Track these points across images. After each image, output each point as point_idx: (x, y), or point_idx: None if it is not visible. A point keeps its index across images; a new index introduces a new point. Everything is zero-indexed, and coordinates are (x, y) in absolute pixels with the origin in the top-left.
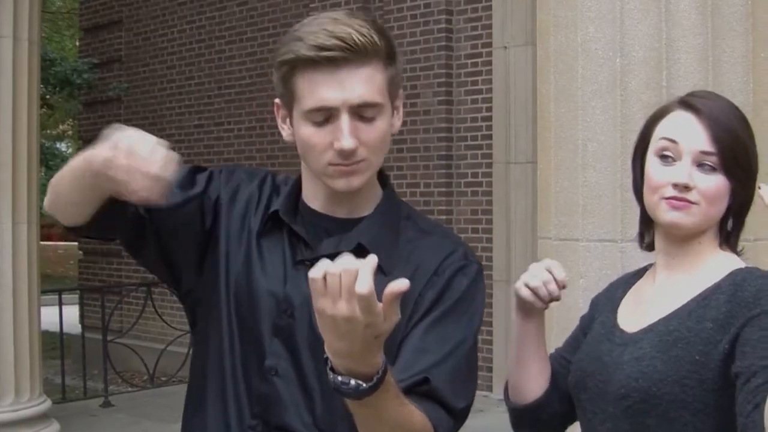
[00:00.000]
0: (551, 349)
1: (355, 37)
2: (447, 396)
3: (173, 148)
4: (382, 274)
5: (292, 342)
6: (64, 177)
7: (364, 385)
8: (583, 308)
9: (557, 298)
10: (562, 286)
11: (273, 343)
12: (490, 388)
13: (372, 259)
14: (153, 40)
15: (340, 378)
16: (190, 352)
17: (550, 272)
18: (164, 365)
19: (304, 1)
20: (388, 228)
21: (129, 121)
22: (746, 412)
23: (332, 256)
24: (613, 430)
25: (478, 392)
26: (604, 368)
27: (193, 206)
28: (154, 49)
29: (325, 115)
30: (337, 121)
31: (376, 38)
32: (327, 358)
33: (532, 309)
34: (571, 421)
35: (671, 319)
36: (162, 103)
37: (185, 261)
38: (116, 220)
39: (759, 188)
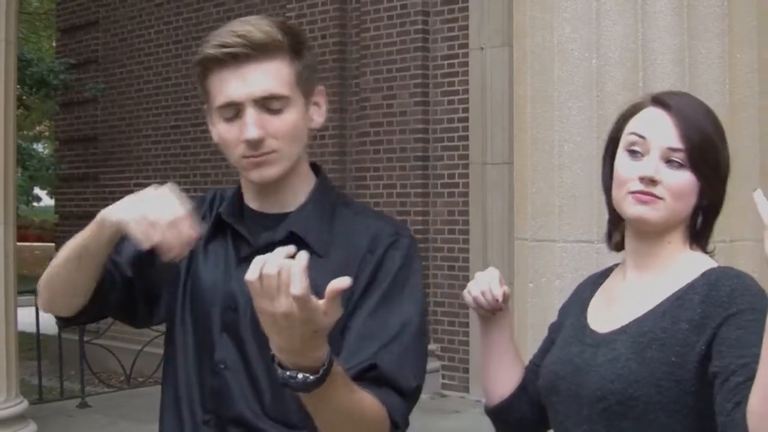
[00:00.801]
0: (527, 352)
1: (254, 35)
2: (396, 379)
3: (150, 149)
4: (318, 257)
5: (238, 335)
6: (59, 266)
7: (311, 377)
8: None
9: (499, 309)
10: (499, 300)
11: (222, 338)
12: (466, 389)
13: (302, 258)
14: (130, 41)
15: (288, 373)
16: None
17: (487, 283)
18: (141, 366)
19: (281, 2)
20: (321, 214)
21: (106, 122)
22: (726, 410)
23: (267, 248)
24: None
25: (455, 393)
26: (576, 370)
27: None
28: (130, 50)
29: (235, 111)
30: (244, 114)
31: (276, 35)
32: (274, 355)
33: (481, 314)
34: (544, 428)
35: (645, 320)
36: (139, 103)
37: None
38: (110, 291)
39: (754, 191)
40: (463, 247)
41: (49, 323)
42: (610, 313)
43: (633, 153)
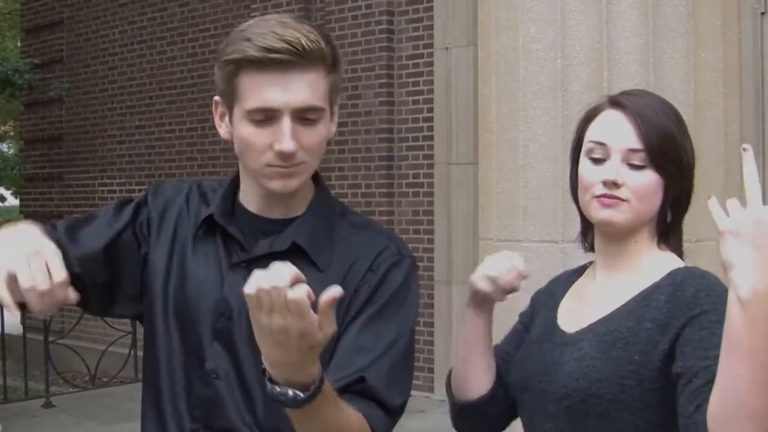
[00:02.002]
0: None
1: (303, 42)
2: (383, 394)
3: (115, 149)
4: (318, 272)
5: (232, 344)
6: None
7: (302, 395)
8: (523, 308)
9: (516, 289)
10: (523, 276)
11: (213, 346)
12: (431, 389)
13: (292, 267)
14: (94, 41)
15: (278, 388)
16: (132, 353)
17: (510, 261)
18: (105, 366)
19: (245, 2)
20: (322, 226)
21: (70, 122)
22: (688, 412)
23: (266, 257)
24: (554, 429)
25: (419, 393)
26: (544, 368)
27: (126, 238)
28: (95, 50)
29: (267, 116)
30: (279, 123)
31: (323, 44)
32: (264, 369)
33: (485, 303)
34: (514, 418)
35: (610, 319)
36: (103, 103)
37: (134, 292)
38: None
39: (709, 198)
40: (427, 247)
41: (13, 323)
42: (580, 313)
43: (595, 158)
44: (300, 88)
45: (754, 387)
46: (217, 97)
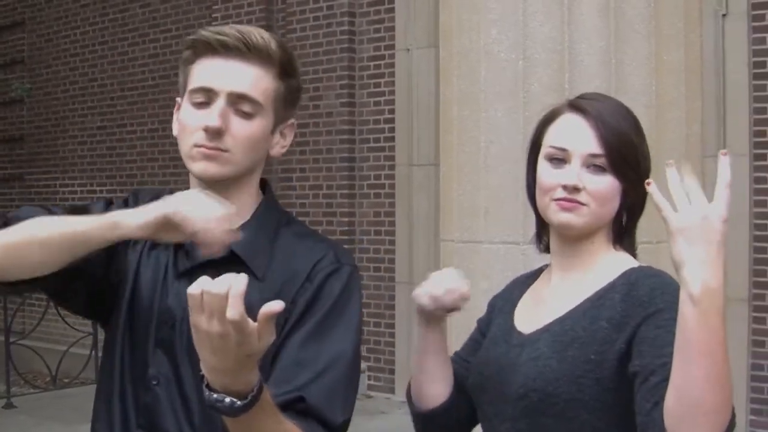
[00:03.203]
0: (451, 353)
1: (254, 36)
2: (324, 413)
3: (76, 150)
4: (256, 280)
5: (173, 353)
6: (31, 246)
7: (239, 402)
8: (485, 311)
9: (457, 308)
10: (465, 298)
11: (155, 353)
12: (392, 390)
13: (242, 281)
14: (56, 42)
15: (215, 395)
16: (92, 354)
17: (454, 282)
18: (67, 367)
19: (207, 3)
20: (263, 234)
21: (32, 123)
22: (645, 410)
23: (206, 265)
24: (512, 430)
25: (380, 395)
26: (501, 370)
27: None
28: (56, 50)
29: (206, 98)
30: (214, 103)
31: (273, 46)
32: (203, 375)
33: (433, 316)
34: (474, 425)
35: (566, 319)
36: (65, 104)
37: (111, 292)
38: (53, 275)
39: (648, 184)
40: (389, 248)
41: None
42: (536, 314)
43: (554, 161)
44: (241, 77)
45: (709, 384)
46: (179, 98)
